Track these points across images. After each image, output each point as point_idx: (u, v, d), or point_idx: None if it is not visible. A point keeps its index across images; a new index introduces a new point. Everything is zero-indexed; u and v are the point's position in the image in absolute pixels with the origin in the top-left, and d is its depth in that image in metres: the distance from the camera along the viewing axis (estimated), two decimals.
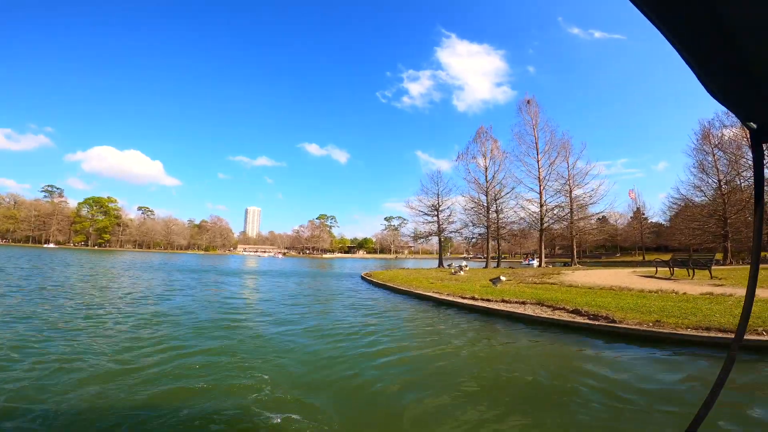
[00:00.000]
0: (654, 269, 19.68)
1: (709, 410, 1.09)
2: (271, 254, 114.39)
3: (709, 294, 9.74)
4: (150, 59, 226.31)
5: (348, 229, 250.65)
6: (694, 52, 0.66)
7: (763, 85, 0.75)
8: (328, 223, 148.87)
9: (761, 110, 0.85)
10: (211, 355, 5.71)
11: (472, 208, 34.44)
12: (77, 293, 12.50)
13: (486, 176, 33.88)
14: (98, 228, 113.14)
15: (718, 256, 39.28)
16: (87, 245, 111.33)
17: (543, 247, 32.79)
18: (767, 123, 0.89)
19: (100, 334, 6.75)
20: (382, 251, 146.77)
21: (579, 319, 7.74)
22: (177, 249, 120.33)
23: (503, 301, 10.57)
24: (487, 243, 34.09)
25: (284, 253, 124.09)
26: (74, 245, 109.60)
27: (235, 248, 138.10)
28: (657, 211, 63.07)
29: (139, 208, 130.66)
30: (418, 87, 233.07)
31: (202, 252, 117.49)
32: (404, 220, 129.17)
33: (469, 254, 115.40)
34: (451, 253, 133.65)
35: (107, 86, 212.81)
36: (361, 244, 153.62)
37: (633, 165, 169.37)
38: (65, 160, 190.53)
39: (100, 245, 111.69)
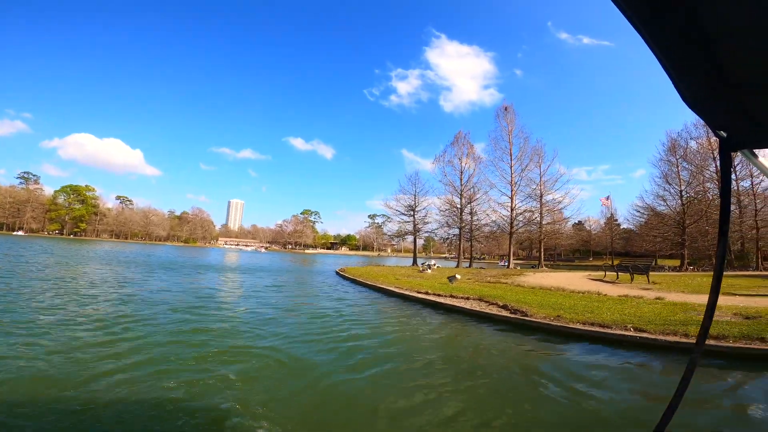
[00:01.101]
0: (603, 273, 21.44)
1: (675, 410, 1.15)
2: (254, 248, 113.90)
3: (624, 296, 11.24)
4: (135, 48, 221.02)
5: (332, 225, 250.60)
6: (673, 60, 0.69)
7: (735, 95, 0.79)
8: (311, 218, 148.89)
9: (731, 120, 0.90)
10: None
11: (447, 209, 35.99)
12: None
13: (461, 179, 35.54)
14: (74, 216, 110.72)
15: (676, 262, 41.98)
16: (62, 234, 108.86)
17: (512, 249, 34.58)
18: (736, 132, 0.94)
19: None
20: (365, 248, 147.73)
21: (503, 313, 9.09)
22: (156, 240, 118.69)
23: (451, 296, 11.89)
24: (460, 243, 35.79)
25: (266, 248, 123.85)
26: (48, 234, 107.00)
27: (216, 241, 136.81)
28: (625, 218, 65.66)
29: (118, 197, 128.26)
30: (406, 86, 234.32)
31: (182, 244, 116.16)
32: (388, 217, 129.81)
33: (450, 254, 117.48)
34: (433, 252, 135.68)
35: (90, 73, 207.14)
36: (344, 241, 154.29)
37: (614, 171, 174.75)
38: (41, 146, 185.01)
39: (75, 234, 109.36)
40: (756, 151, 0.99)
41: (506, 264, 44.80)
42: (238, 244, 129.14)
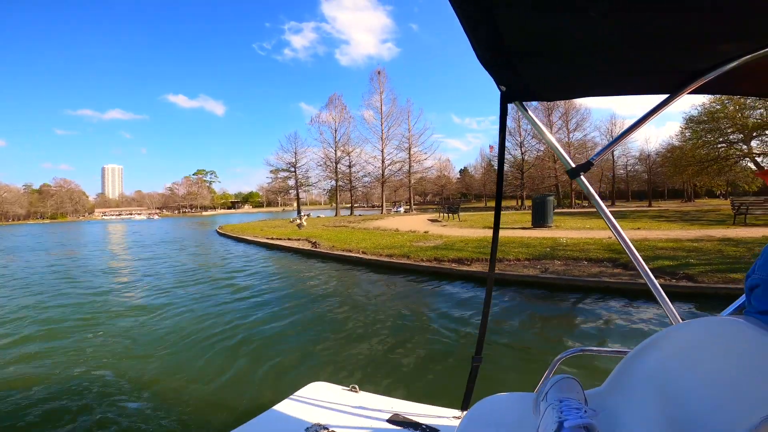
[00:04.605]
0: (438, 214, 27.37)
1: (485, 331, 1.40)
2: (145, 216, 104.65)
3: (410, 231, 15.97)
4: None
5: (232, 184, 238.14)
6: (466, 20, 0.79)
7: (509, 59, 0.97)
8: (207, 178, 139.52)
9: (508, 78, 1.10)
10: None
11: (323, 163, 40.06)
12: None
13: (335, 137, 39.51)
14: None
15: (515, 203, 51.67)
16: None
17: (384, 196, 40.29)
18: (512, 88, 1.17)
19: None
20: (269, 204, 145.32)
21: (308, 247, 13.09)
22: (13, 220, 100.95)
23: (288, 239, 15.62)
24: (336, 194, 40.70)
25: (158, 214, 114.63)
26: None
27: (91, 213, 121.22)
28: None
29: None
30: (300, 40, 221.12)
31: (48, 221, 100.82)
32: (291, 171, 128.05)
33: (355, 204, 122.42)
34: (344, 202, 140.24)
35: None
36: (246, 199, 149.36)
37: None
38: None
39: None
40: (526, 104, 1.21)
41: (399, 210, 50.91)
42: (120, 214, 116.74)
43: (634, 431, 0.80)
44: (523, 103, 1.27)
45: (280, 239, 15.79)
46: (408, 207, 43.36)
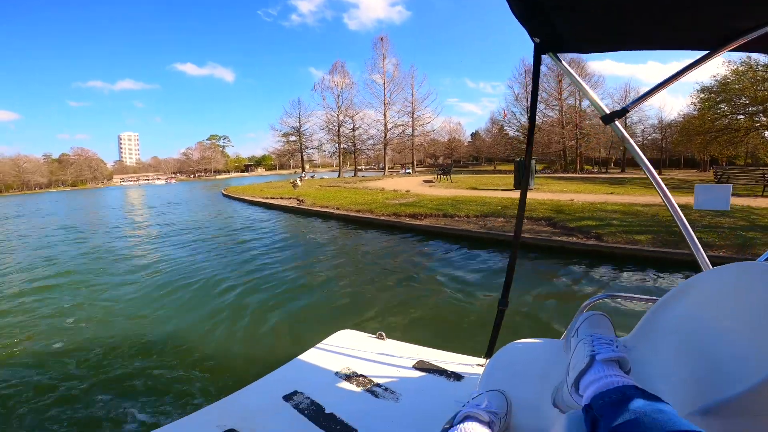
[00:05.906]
0: (433, 176, 27.87)
1: (512, 277, 1.40)
2: (163, 181, 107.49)
3: (393, 190, 16.77)
4: None
5: (246, 147, 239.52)
6: None
7: (544, 12, 0.99)
8: (220, 143, 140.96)
9: (543, 29, 1.11)
10: None
11: (326, 126, 41.68)
12: None
13: (338, 102, 40.69)
14: None
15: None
16: None
17: (386, 158, 41.10)
18: (546, 40, 1.18)
19: None
20: (281, 167, 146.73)
21: (295, 204, 14.15)
22: (36, 189, 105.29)
23: (281, 198, 16.75)
24: (339, 156, 42.54)
25: (174, 178, 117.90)
26: None
27: (110, 179, 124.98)
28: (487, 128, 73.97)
29: None
30: (307, 4, 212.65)
31: (69, 188, 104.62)
32: (302, 134, 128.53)
33: (366, 166, 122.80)
34: (349, 164, 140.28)
35: None
36: (259, 162, 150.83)
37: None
38: None
39: None
40: (560, 55, 1.22)
41: (408, 171, 51.58)
42: (138, 180, 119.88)
43: (656, 381, 0.77)
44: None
45: (273, 198, 16.92)
46: (411, 169, 44.12)
